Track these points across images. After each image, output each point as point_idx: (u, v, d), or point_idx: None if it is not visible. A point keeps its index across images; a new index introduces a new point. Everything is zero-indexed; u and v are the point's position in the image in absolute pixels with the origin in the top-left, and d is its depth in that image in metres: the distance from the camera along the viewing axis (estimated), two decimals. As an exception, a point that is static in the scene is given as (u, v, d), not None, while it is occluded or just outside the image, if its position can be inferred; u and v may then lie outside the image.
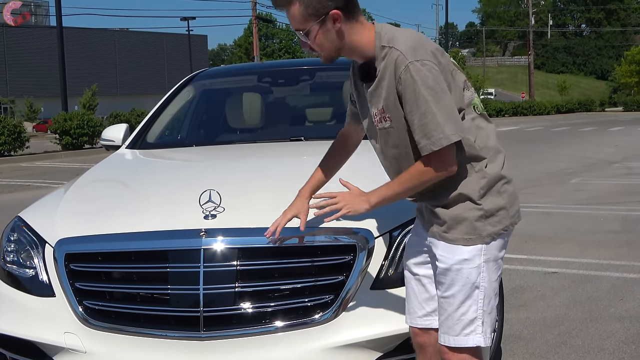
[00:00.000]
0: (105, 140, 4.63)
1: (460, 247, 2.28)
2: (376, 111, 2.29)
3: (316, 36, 2.24)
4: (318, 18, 2.19)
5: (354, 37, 2.25)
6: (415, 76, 2.14)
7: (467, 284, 2.28)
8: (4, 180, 14.71)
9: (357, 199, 2.38)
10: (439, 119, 2.13)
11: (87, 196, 3.37)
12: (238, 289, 2.56)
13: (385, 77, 2.22)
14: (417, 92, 2.14)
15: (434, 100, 2.14)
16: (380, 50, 2.23)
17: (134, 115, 26.08)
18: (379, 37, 2.25)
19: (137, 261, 2.71)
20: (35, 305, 2.77)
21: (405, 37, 2.22)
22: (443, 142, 2.14)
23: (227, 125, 4.94)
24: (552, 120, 43.78)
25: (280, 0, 2.24)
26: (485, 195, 2.28)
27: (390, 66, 2.19)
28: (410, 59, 2.15)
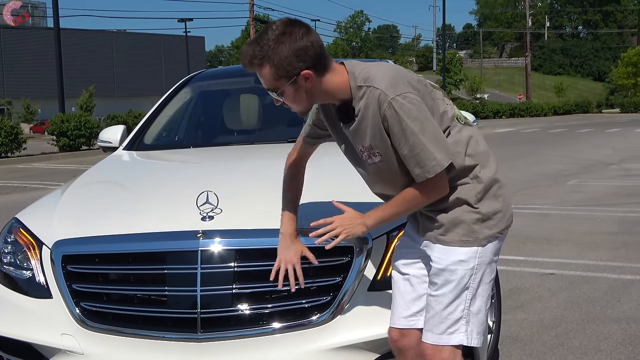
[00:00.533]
0: (103, 142, 4.63)
1: (457, 249, 2.33)
2: (362, 148, 2.34)
3: (287, 95, 2.27)
4: (289, 79, 2.21)
5: (327, 86, 2.27)
6: (399, 111, 2.18)
7: (459, 285, 2.34)
8: (0, 182, 14.69)
9: (353, 222, 2.39)
10: (429, 147, 2.20)
11: (85, 198, 3.37)
12: (235, 290, 2.56)
13: (367, 116, 2.25)
14: (404, 126, 2.19)
15: (421, 131, 2.19)
16: (356, 90, 2.26)
17: (131, 117, 26.08)
18: (353, 78, 2.27)
19: (134, 263, 2.70)
20: (32, 307, 2.77)
21: (382, 74, 2.25)
22: (436, 169, 2.22)
23: (225, 126, 4.94)
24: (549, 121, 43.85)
25: (250, 63, 2.24)
26: (482, 200, 2.35)
27: (373, 104, 2.22)
28: (392, 95, 2.19)
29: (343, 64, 2.32)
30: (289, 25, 2.21)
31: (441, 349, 2.37)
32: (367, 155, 2.34)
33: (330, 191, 3.08)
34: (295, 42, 2.18)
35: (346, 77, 2.28)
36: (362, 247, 2.64)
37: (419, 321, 2.47)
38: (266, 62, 2.19)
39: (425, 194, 2.28)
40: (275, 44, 2.17)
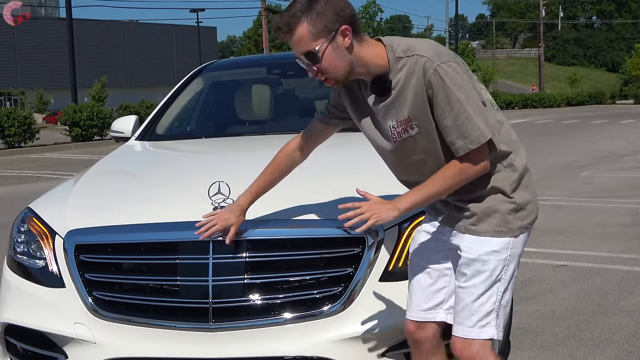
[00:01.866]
0: (115, 132, 4.64)
1: (490, 239, 2.27)
2: (395, 123, 2.26)
3: (325, 55, 2.19)
4: (328, 34, 2.16)
5: (364, 54, 2.22)
6: (444, 77, 2.14)
7: (491, 276, 2.28)
8: (14, 172, 14.79)
9: (383, 207, 2.27)
10: (474, 117, 2.15)
11: (97, 188, 3.38)
12: (247, 280, 2.57)
13: (408, 86, 2.20)
14: (449, 94, 2.14)
15: (466, 99, 2.15)
16: (395, 62, 2.21)
17: (143, 107, 26.13)
18: (391, 50, 2.23)
19: (146, 252, 2.72)
20: (45, 296, 2.79)
21: (425, 45, 2.21)
22: (481, 140, 2.16)
23: (236, 117, 4.94)
24: (562, 112, 43.61)
25: (286, 24, 2.18)
26: (517, 189, 2.30)
27: (417, 73, 2.17)
28: (437, 62, 2.15)
29: (379, 39, 2.28)
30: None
31: (471, 342, 2.31)
32: (402, 129, 2.25)
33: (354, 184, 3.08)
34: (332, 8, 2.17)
35: (383, 50, 2.23)
36: (374, 238, 2.63)
37: (438, 314, 2.45)
38: (304, 18, 2.15)
39: (469, 168, 2.19)
40: (309, 2, 2.16)
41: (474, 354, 2.30)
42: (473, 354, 2.30)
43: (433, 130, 2.22)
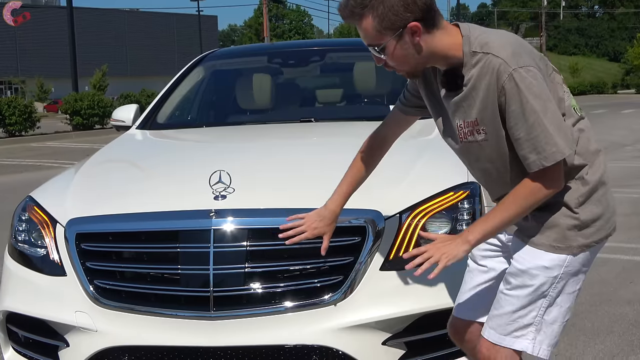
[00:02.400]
0: (116, 121, 4.64)
1: (543, 253, 2.08)
2: (462, 123, 2.07)
3: (393, 52, 2.00)
4: (395, 32, 1.96)
5: (436, 45, 2.01)
6: (520, 84, 1.92)
7: (537, 292, 2.10)
8: (15, 160, 14.79)
9: (452, 244, 2.06)
10: (550, 130, 1.92)
11: (98, 176, 3.38)
12: (248, 269, 2.57)
13: (479, 86, 1.99)
14: (524, 103, 1.92)
15: (543, 110, 1.92)
16: (470, 56, 2.00)
17: (144, 96, 26.12)
18: (467, 42, 2.01)
19: (147, 241, 2.72)
20: (47, 284, 2.79)
21: (503, 42, 1.99)
22: (557, 157, 1.94)
23: (237, 106, 4.94)
24: (563, 102, 43.48)
25: (350, 12, 1.99)
26: (584, 204, 2.08)
27: (489, 75, 1.96)
28: (514, 66, 1.93)
29: (457, 25, 2.05)
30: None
31: (499, 349, 2.15)
32: (468, 131, 2.07)
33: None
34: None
35: (459, 40, 2.01)
36: (375, 227, 2.63)
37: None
38: (369, 11, 1.95)
39: (542, 187, 1.97)
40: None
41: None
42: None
43: (502, 139, 2.03)
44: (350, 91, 4.99)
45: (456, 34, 2.03)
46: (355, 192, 2.81)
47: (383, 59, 2.04)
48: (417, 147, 3.37)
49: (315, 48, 5.40)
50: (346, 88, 5.04)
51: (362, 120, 4.30)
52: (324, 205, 2.47)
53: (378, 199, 2.74)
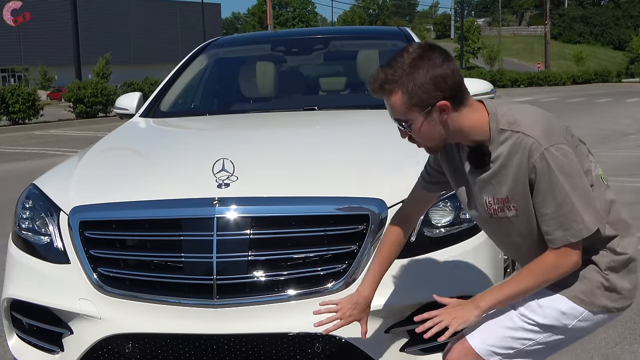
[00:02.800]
0: (119, 109, 4.64)
1: (565, 300, 2.07)
2: (492, 200, 2.07)
3: (420, 128, 2.01)
4: (423, 109, 1.97)
5: (464, 122, 2.01)
6: (551, 164, 1.93)
7: (542, 328, 2.09)
8: (18, 148, 14.80)
9: (463, 309, 2.06)
10: (579, 208, 1.93)
11: (101, 164, 3.38)
12: (251, 257, 2.58)
13: (510, 164, 1.99)
14: (554, 182, 1.93)
15: (572, 188, 1.93)
16: (498, 133, 2.00)
17: (147, 84, 26.08)
18: (494, 119, 2.02)
19: (150, 229, 2.72)
20: (50, 272, 2.80)
21: (532, 120, 1.99)
22: (583, 233, 1.94)
23: (241, 94, 4.93)
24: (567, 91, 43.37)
25: (379, 87, 2.01)
26: (614, 270, 2.08)
27: (520, 153, 1.96)
28: (545, 144, 1.93)
29: (482, 102, 2.08)
30: (428, 50, 1.97)
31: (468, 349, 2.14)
32: (498, 208, 2.06)
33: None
34: (434, 68, 1.94)
35: (486, 117, 2.02)
36: (378, 215, 2.63)
37: None
38: (398, 87, 1.96)
39: (559, 266, 1.98)
40: (410, 68, 1.95)
41: None
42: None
43: (533, 215, 2.03)
44: (354, 79, 4.98)
45: (482, 111, 2.05)
46: (359, 180, 2.82)
47: (408, 133, 2.06)
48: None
49: (318, 36, 5.39)
50: (349, 76, 5.04)
51: (365, 109, 4.29)
52: (357, 291, 2.42)
53: (381, 187, 2.74)
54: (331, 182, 2.84)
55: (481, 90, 4.51)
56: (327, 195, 2.72)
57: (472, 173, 2.10)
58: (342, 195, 2.71)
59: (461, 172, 2.17)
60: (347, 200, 2.68)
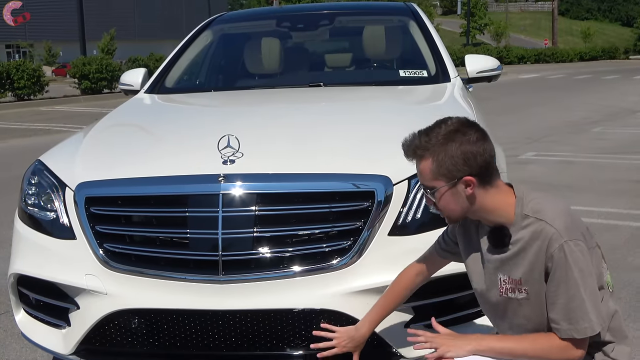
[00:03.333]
0: (124, 85, 4.63)
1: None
2: (507, 279, 2.13)
3: (442, 197, 2.09)
4: (449, 180, 2.05)
5: (488, 201, 2.09)
6: (569, 257, 2.00)
7: None
8: (24, 124, 14.81)
9: (457, 342, 2.14)
10: (587, 306, 2.00)
11: (107, 140, 3.38)
12: (256, 233, 2.58)
13: (529, 249, 2.06)
14: (569, 274, 2.00)
15: (584, 285, 2.01)
16: (521, 218, 2.08)
17: (152, 60, 26.01)
18: (520, 204, 2.09)
19: (156, 205, 2.73)
20: (57, 248, 2.81)
21: (557, 213, 2.06)
22: (587, 332, 2.02)
23: (246, 70, 4.91)
24: (574, 67, 43.12)
25: (412, 151, 2.08)
26: None
27: (540, 240, 2.03)
28: (566, 238, 2.01)
29: (511, 186, 2.15)
30: (465, 126, 2.06)
31: None
32: (510, 288, 2.13)
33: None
34: (467, 144, 2.02)
35: (512, 200, 2.10)
36: (383, 192, 2.63)
37: None
38: (430, 155, 2.04)
39: (560, 352, 2.04)
40: (444, 140, 2.03)
41: None
42: None
43: (542, 300, 2.09)
44: (360, 55, 4.95)
45: (509, 194, 2.12)
46: (364, 157, 2.81)
47: (433, 201, 2.12)
48: (427, 112, 3.35)
49: (324, 12, 5.35)
50: (355, 52, 5.01)
51: (371, 85, 4.27)
52: (355, 327, 2.50)
53: (387, 164, 2.73)
54: (337, 158, 2.83)
55: (488, 66, 4.49)
56: (332, 172, 2.71)
57: (490, 253, 2.17)
58: (348, 172, 2.70)
59: (475, 248, 2.24)
60: (353, 177, 2.67)
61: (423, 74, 4.29)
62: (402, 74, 4.36)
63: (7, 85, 20.35)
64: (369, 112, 3.58)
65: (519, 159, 8.93)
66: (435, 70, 4.27)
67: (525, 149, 9.87)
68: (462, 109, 3.43)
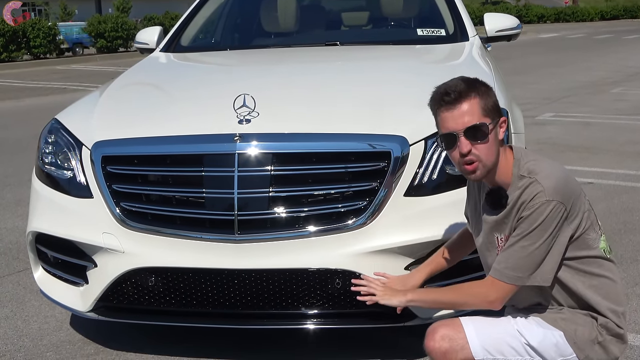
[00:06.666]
0: (139, 43, 4.60)
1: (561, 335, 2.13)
2: (503, 237, 2.16)
3: (490, 136, 2.07)
4: (493, 119, 2.07)
5: (502, 155, 2.12)
6: (542, 214, 2.03)
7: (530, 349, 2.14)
8: (40, 83, 14.84)
9: (394, 292, 2.28)
10: (527, 261, 2.05)
11: (123, 99, 3.38)
12: (272, 193, 2.58)
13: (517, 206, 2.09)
14: (532, 229, 2.04)
15: (538, 244, 2.04)
16: (517, 179, 2.11)
17: (167, 18, 25.84)
18: (517, 165, 2.12)
19: (172, 165, 2.73)
20: (74, 206, 2.83)
21: (550, 172, 2.09)
22: (513, 281, 2.07)
23: (262, 29, 4.86)
24: (595, 27, 42.38)
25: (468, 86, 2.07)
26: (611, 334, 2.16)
27: (526, 197, 2.06)
28: (549, 197, 2.03)
29: (511, 148, 2.17)
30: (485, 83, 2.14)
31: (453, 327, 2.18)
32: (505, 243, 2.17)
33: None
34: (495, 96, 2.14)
35: (511, 161, 2.14)
36: (399, 152, 2.61)
37: None
38: (475, 94, 2.07)
39: (481, 295, 2.12)
40: (479, 83, 2.11)
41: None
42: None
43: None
44: (377, 14, 4.88)
45: (509, 155, 2.16)
46: (380, 117, 2.80)
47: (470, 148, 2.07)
48: (445, 72, 3.30)
49: (341, -31, 5.27)
50: (372, 11, 4.94)
51: (388, 44, 4.22)
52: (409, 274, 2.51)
53: (403, 124, 2.71)
54: (353, 118, 2.81)
55: (507, 25, 4.42)
56: (348, 132, 2.70)
57: (487, 213, 2.20)
58: (364, 132, 2.68)
59: (478, 209, 2.28)
60: (369, 138, 2.66)
61: (441, 33, 4.23)
62: (419, 32, 4.30)
63: (23, 44, 20.34)
64: (386, 72, 3.55)
65: (537, 120, 8.84)
66: (453, 29, 4.21)
67: (543, 109, 9.76)
68: (480, 69, 3.38)
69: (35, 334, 3.28)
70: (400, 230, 2.62)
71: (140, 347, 3.05)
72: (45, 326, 3.36)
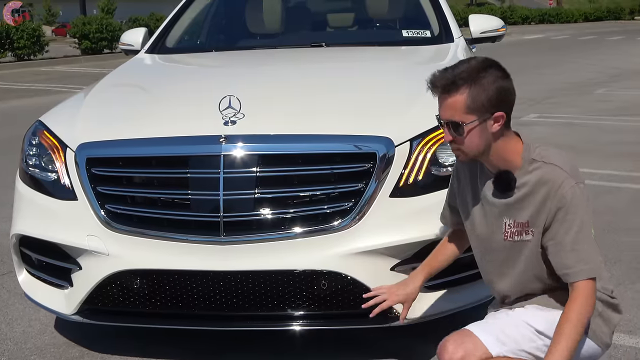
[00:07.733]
0: (124, 45, 4.59)
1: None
2: (513, 223, 2.15)
3: (471, 132, 2.06)
4: (481, 115, 2.03)
5: (505, 143, 2.11)
6: (581, 198, 2.05)
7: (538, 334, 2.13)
8: (24, 85, 14.74)
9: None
10: (595, 247, 2.06)
11: (107, 101, 3.36)
12: (257, 195, 2.58)
13: (537, 192, 2.08)
14: (579, 214, 2.04)
15: (588, 226, 2.06)
16: (528, 163, 2.11)
17: (152, 20, 25.77)
18: (527, 149, 2.13)
19: (157, 166, 2.72)
20: (58, 208, 2.81)
21: (563, 158, 2.12)
22: (599, 272, 2.07)
23: (247, 30, 4.86)
24: (579, 28, 42.69)
25: (451, 82, 2.04)
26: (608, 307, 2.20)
27: (552, 183, 2.06)
28: (576, 180, 2.06)
29: (518, 134, 2.17)
30: (494, 63, 2.09)
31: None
32: (516, 231, 2.15)
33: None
34: (501, 80, 2.05)
35: (519, 146, 2.13)
36: (385, 153, 2.62)
37: None
38: (466, 87, 2.01)
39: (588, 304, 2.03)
40: (477, 74, 2.02)
41: None
42: None
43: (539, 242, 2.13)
44: (362, 15, 4.90)
45: (517, 141, 2.15)
46: (366, 118, 2.80)
47: (452, 137, 2.09)
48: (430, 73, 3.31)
49: (326, -30, 5.27)
50: (358, 12, 4.95)
51: (373, 45, 4.23)
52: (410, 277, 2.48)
53: (389, 125, 2.72)
54: (338, 119, 2.81)
55: (492, 26, 4.45)
56: (334, 133, 2.70)
57: (494, 197, 2.18)
58: (350, 133, 2.69)
59: (476, 191, 2.25)
60: (355, 139, 2.66)
61: (426, 34, 4.24)
62: (405, 34, 4.31)
63: (6, 45, 20.19)
64: (371, 73, 3.56)
65: (522, 121, 8.88)
66: (438, 31, 4.23)
67: (528, 110, 9.81)
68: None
69: (19, 337, 3.26)
70: (386, 231, 2.62)
71: (125, 350, 3.04)
72: (29, 329, 3.33)
